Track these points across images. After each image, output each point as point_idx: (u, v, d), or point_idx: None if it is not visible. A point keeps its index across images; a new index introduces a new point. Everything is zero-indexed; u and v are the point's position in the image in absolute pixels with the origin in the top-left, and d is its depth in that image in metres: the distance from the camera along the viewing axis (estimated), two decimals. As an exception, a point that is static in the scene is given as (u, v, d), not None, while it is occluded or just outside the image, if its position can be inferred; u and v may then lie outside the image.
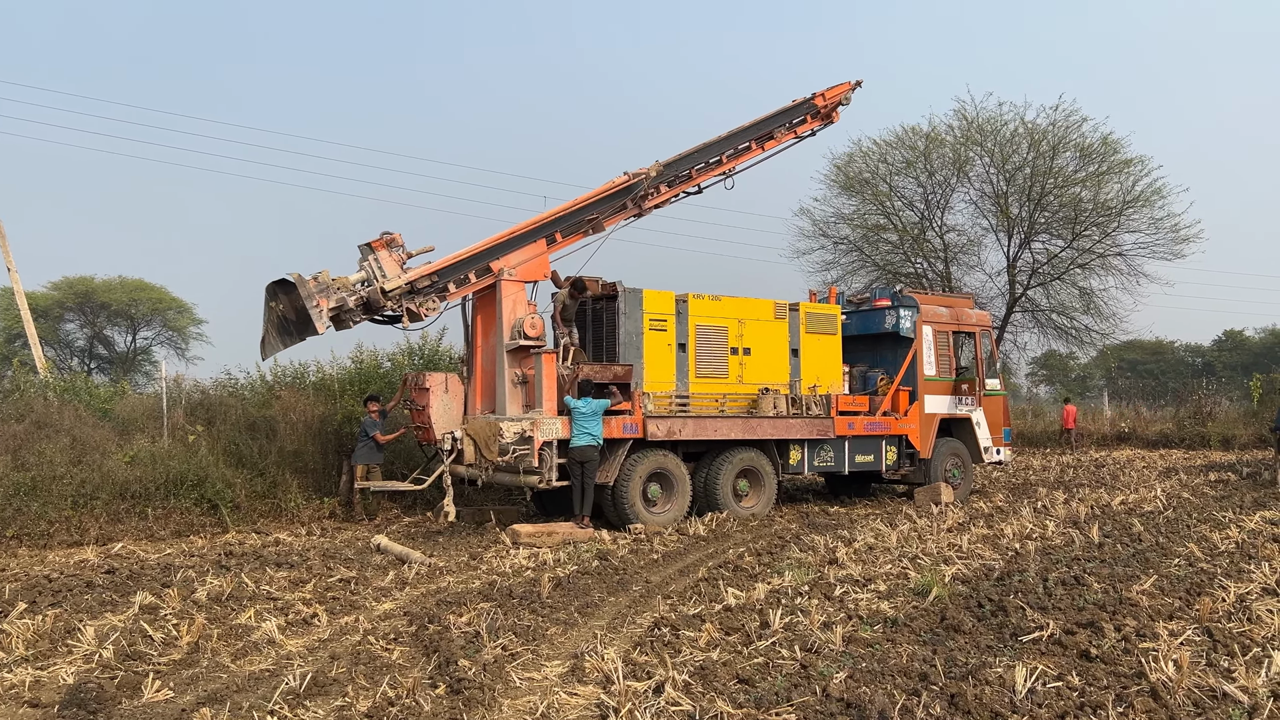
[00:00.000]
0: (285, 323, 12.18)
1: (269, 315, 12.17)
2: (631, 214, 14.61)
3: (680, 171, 14.90)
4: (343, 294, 12.18)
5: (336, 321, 12.39)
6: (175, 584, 9.03)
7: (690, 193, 15.46)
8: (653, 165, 14.56)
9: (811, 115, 16.27)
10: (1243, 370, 52.41)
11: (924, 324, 16.22)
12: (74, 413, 14.97)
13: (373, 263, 12.54)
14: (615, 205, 14.29)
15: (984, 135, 31.37)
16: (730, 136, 15.37)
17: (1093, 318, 32.56)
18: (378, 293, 12.33)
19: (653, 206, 14.82)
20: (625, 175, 14.42)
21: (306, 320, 11.98)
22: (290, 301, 12.05)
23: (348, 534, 12.85)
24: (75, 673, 6.32)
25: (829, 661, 6.26)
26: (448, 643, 6.83)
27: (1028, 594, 7.94)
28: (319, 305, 11.94)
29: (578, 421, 12.20)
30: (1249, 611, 7.29)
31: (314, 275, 12.09)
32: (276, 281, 12.06)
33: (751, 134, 15.59)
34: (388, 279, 12.41)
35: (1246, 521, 11.78)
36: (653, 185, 14.52)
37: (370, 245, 12.62)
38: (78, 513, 12.35)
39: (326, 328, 12.15)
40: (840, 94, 16.54)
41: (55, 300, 44.41)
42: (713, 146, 15.20)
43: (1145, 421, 32.64)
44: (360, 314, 12.51)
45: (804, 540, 11.37)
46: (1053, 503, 14.54)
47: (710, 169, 15.30)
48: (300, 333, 12.24)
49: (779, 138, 15.98)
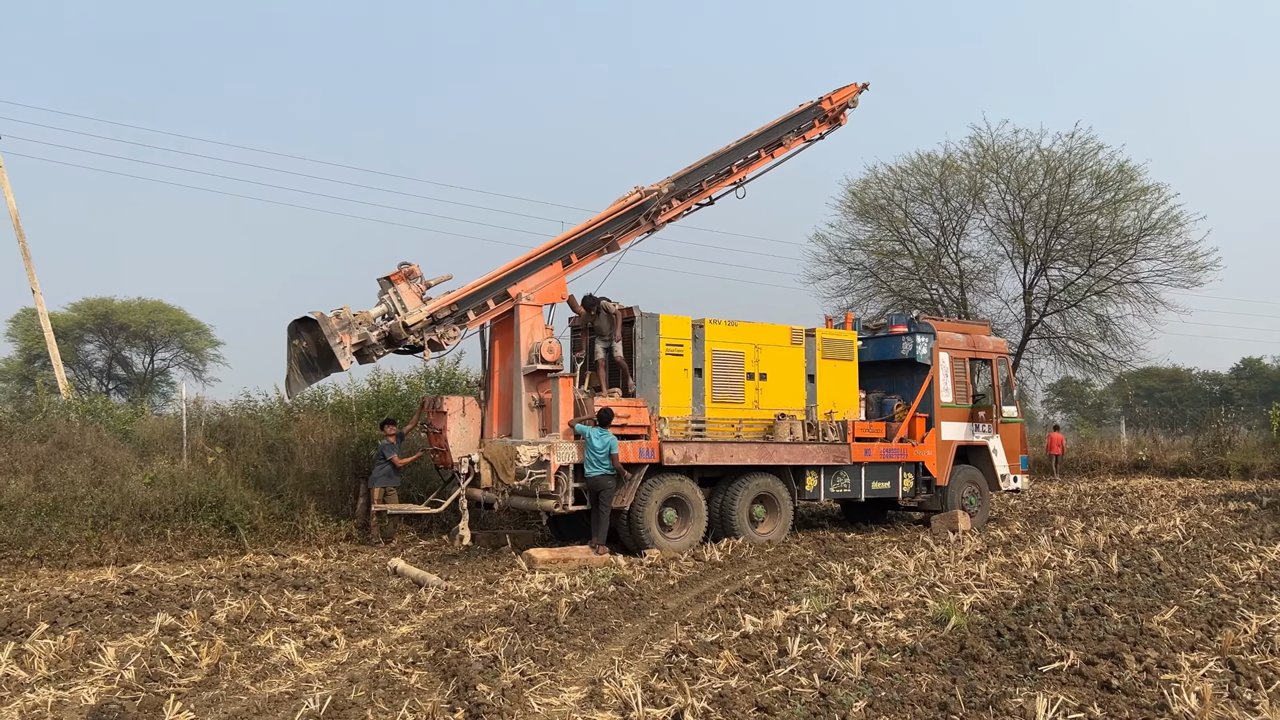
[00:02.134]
0: (309, 360, 12.27)
1: (292, 353, 12.26)
2: (645, 230, 14.69)
3: (691, 184, 14.96)
4: (365, 329, 12.27)
5: (360, 356, 12.50)
6: (194, 605, 9.07)
7: (703, 204, 15.52)
8: (664, 181, 14.64)
9: (819, 119, 16.28)
10: (1261, 399, 52.05)
11: (940, 350, 16.20)
12: (95, 434, 15.10)
13: (393, 295, 12.64)
14: (629, 223, 14.37)
15: (1000, 162, 31.46)
16: (739, 146, 15.41)
17: (1109, 345, 32.49)
18: (399, 326, 12.42)
19: (666, 221, 14.89)
20: (636, 191, 14.48)
21: (330, 357, 12.07)
22: (313, 339, 12.15)
23: (365, 557, 12.88)
24: (97, 693, 6.35)
25: (848, 690, 6.24)
26: (466, 667, 6.84)
27: (1047, 623, 7.89)
28: (342, 341, 12.04)
29: (589, 450, 12.22)
30: (1272, 643, 7.22)
31: (335, 312, 12.19)
32: (298, 320, 12.16)
33: (760, 142, 15.62)
34: (409, 313, 12.49)
35: (1268, 552, 11.68)
36: (664, 201, 14.58)
37: (390, 278, 12.72)
38: (98, 533, 12.44)
39: (350, 363, 12.25)
40: (847, 96, 16.55)
41: (75, 321, 44.85)
42: (722, 157, 15.25)
43: (1163, 450, 32.39)
44: (383, 348, 12.63)
45: (821, 567, 11.34)
46: (1071, 531, 14.45)
47: (721, 179, 15.36)
48: (325, 369, 12.36)
49: (788, 144, 16.00)
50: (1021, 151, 31.13)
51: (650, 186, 14.53)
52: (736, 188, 15.69)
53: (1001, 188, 31.87)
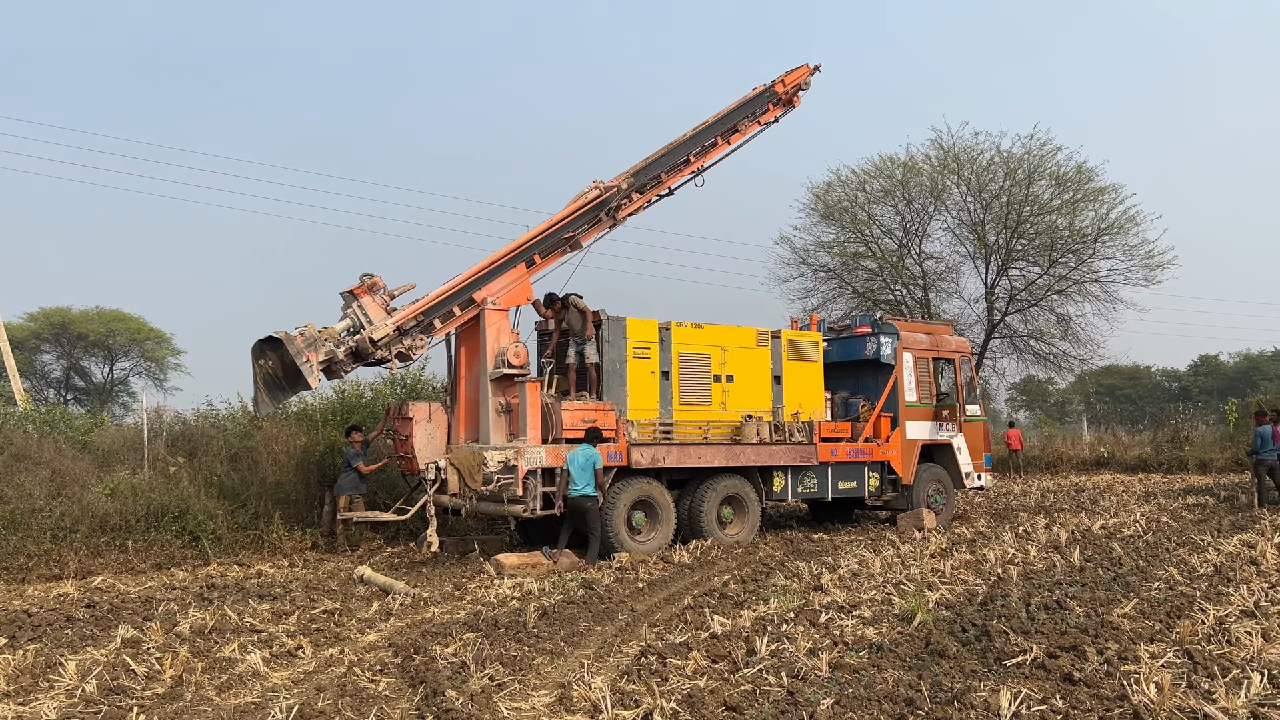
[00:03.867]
0: (275, 379, 12.15)
1: (258, 373, 12.12)
2: (607, 225, 14.67)
3: (650, 176, 14.95)
4: (331, 345, 12.17)
5: (328, 372, 12.41)
6: (157, 617, 8.96)
7: (663, 195, 15.51)
8: (622, 175, 14.61)
9: (774, 102, 16.29)
10: (1218, 395, 52.98)
11: (904, 351, 16.36)
12: (53, 444, 14.85)
13: (357, 310, 12.54)
14: (590, 220, 14.36)
15: (960, 164, 31.80)
16: (695, 135, 15.40)
17: (1070, 343, 32.90)
18: (366, 341, 12.32)
19: (627, 215, 14.88)
20: (595, 187, 14.44)
21: (297, 375, 11.96)
22: (279, 358, 12.02)
23: (331, 565, 12.77)
24: (58, 708, 6.26)
25: (816, 688, 6.29)
26: (434, 674, 6.82)
27: (1011, 618, 8.00)
28: (309, 360, 11.93)
29: (572, 471, 12.03)
30: (1228, 634, 7.37)
31: (300, 330, 12.07)
32: (263, 339, 12.03)
33: (716, 129, 15.62)
34: (375, 326, 12.40)
35: (1224, 545, 11.90)
36: (624, 195, 14.58)
37: (352, 292, 12.61)
38: (57, 546, 12.23)
39: (319, 381, 12.15)
40: (800, 78, 16.59)
41: (31, 331, 44.06)
42: (679, 147, 15.24)
43: (1124, 446, 32.86)
44: (351, 363, 12.55)
45: (789, 567, 11.41)
46: (1034, 527, 14.63)
47: (679, 170, 15.35)
48: (292, 387, 12.25)
49: (743, 129, 16.00)
50: (982, 153, 31.55)
51: (609, 182, 14.49)
52: (695, 176, 15.68)
53: (962, 189, 32.25)
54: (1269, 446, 17.57)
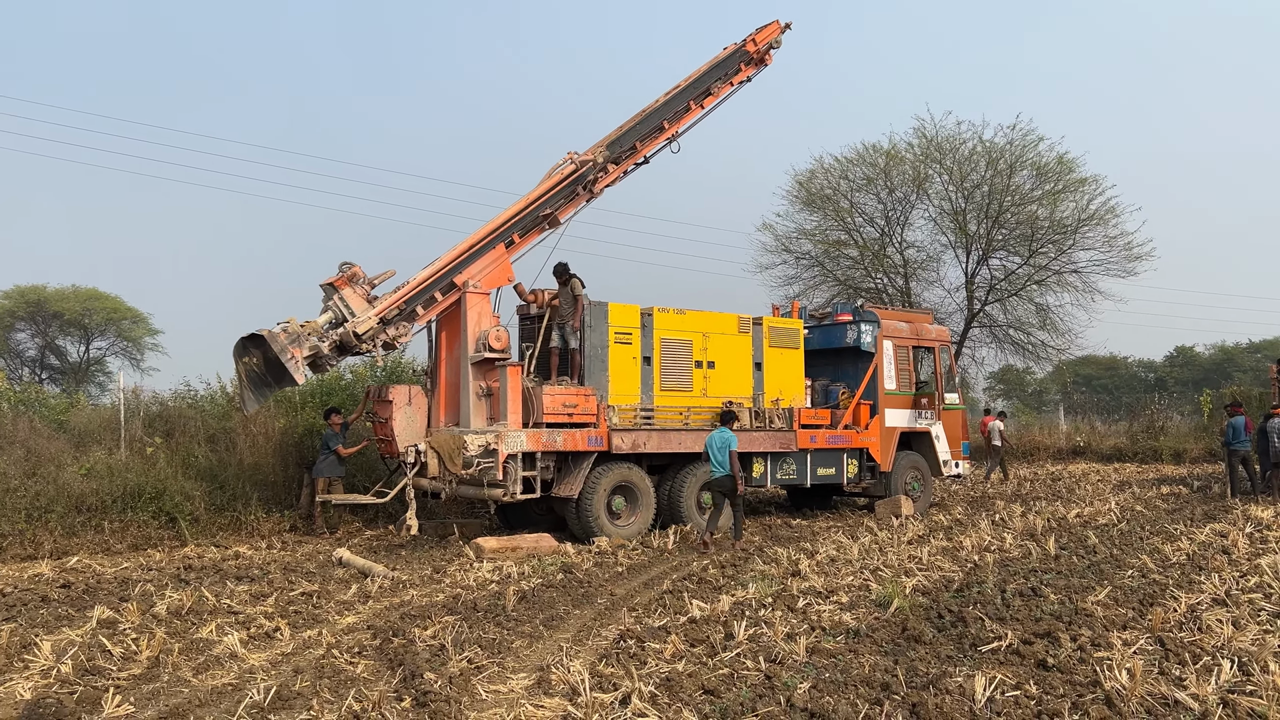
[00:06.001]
0: (260, 377, 12.05)
1: (242, 370, 12.02)
2: (584, 200, 14.53)
3: (624, 146, 14.77)
4: (315, 340, 12.07)
5: (313, 367, 12.32)
6: (133, 598, 8.91)
7: (639, 164, 15.34)
8: (596, 148, 14.43)
9: (745, 62, 16.05)
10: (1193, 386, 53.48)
11: (884, 339, 16.43)
12: (29, 424, 14.70)
13: (338, 301, 12.43)
14: (567, 195, 14.24)
15: (943, 153, 31.89)
16: (669, 100, 15.20)
17: (1049, 333, 33.11)
18: (350, 335, 12.21)
19: (604, 187, 14.70)
20: (569, 159, 14.27)
21: (282, 371, 11.86)
22: (263, 355, 11.92)
23: (309, 547, 12.73)
24: (33, 688, 6.22)
25: (793, 672, 6.34)
26: (413, 656, 6.82)
27: (986, 605, 8.08)
28: (294, 356, 11.83)
29: (710, 453, 12.36)
30: (1199, 621, 7.47)
31: (282, 326, 11.94)
32: (245, 337, 11.92)
33: (689, 94, 15.40)
34: (358, 320, 12.29)
35: (1197, 534, 12.06)
36: (600, 168, 14.43)
37: (333, 284, 12.49)
38: (32, 526, 12.13)
39: (305, 377, 12.07)
40: (771, 35, 16.37)
41: (5, 309, 43.52)
42: (652, 115, 15.05)
43: (1100, 436, 33.19)
44: (336, 357, 12.46)
45: (767, 553, 11.47)
46: (1010, 515, 14.77)
47: (653, 137, 15.16)
48: (278, 383, 12.18)
49: (716, 92, 15.79)
50: (964, 143, 31.64)
51: (584, 154, 14.31)
52: (670, 143, 15.47)
53: (944, 178, 32.34)
54: (1242, 437, 17.77)
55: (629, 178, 15.35)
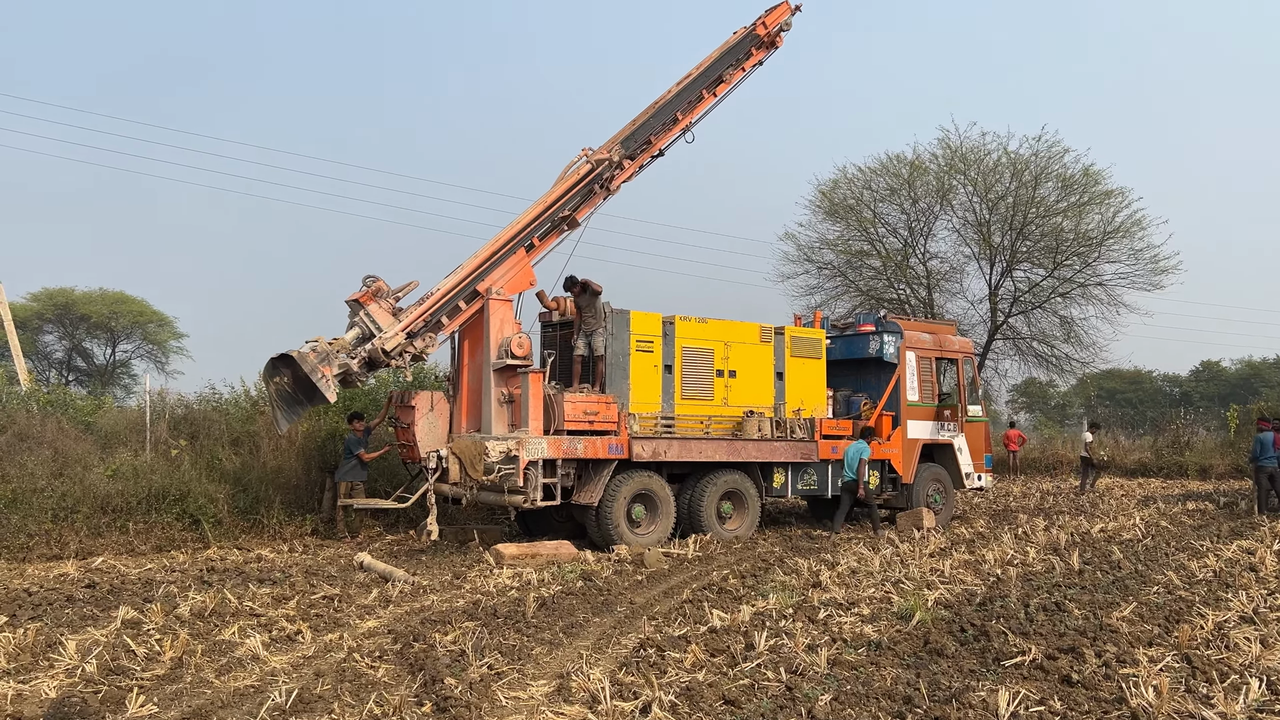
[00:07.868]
0: (291, 396, 12.16)
1: (273, 390, 12.14)
2: (601, 198, 14.48)
3: (639, 141, 14.69)
4: (344, 357, 12.16)
5: (344, 382, 12.40)
6: (157, 599, 8.98)
7: (654, 158, 15.22)
8: (611, 144, 14.37)
9: (756, 46, 15.83)
10: (1219, 401, 52.98)
11: (907, 350, 16.35)
12: (56, 425, 14.87)
13: (364, 318, 12.52)
14: (584, 194, 14.20)
15: (967, 164, 31.74)
16: (681, 91, 15.06)
17: (1073, 346, 32.89)
18: (378, 352, 12.30)
19: (621, 183, 14.64)
20: (584, 157, 14.23)
21: (313, 389, 11.98)
22: (293, 374, 12.02)
23: (330, 551, 12.79)
24: (58, 687, 6.28)
25: (814, 684, 6.30)
26: (433, 661, 6.83)
27: (1009, 619, 8.01)
28: (324, 375, 11.93)
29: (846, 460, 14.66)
30: (1227, 639, 7.38)
31: (311, 345, 12.03)
32: (275, 358, 12.02)
33: (701, 82, 15.24)
34: (385, 335, 12.36)
35: (1224, 550, 11.92)
36: (616, 166, 14.37)
37: (358, 300, 12.56)
38: (58, 526, 12.26)
39: (336, 394, 12.17)
40: (781, 17, 16.17)
41: (34, 312, 44.06)
42: (665, 106, 14.93)
43: (1124, 450, 32.84)
44: (365, 373, 12.55)
45: (788, 563, 11.42)
46: (1033, 529, 14.65)
47: (668, 130, 15.02)
48: (309, 401, 12.29)
49: (729, 79, 15.57)
50: (989, 154, 31.49)
51: (598, 152, 14.27)
52: (684, 134, 15.34)
53: (969, 189, 32.18)
54: (1269, 453, 17.55)
55: (651, 179, 15.37)
